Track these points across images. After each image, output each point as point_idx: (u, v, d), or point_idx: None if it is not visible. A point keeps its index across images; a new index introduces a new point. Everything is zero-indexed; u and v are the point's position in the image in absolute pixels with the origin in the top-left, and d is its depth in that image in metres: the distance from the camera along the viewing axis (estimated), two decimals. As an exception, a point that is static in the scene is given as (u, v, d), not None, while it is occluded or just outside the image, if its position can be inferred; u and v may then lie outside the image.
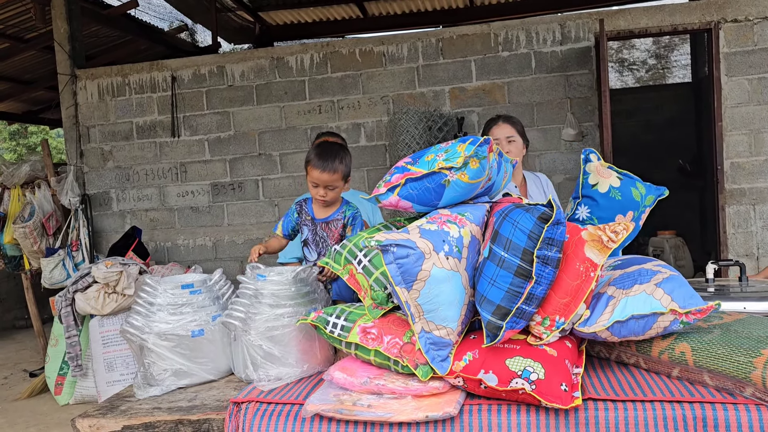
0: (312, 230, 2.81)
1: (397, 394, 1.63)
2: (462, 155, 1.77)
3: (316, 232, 2.80)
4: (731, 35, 5.01)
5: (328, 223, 2.79)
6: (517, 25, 5.34)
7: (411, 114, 5.20)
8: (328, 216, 2.79)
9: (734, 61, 5.02)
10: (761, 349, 1.52)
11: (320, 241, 2.80)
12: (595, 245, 1.66)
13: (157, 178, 5.95)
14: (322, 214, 2.81)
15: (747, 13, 4.97)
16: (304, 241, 2.85)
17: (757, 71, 5.00)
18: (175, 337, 1.96)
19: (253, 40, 8.23)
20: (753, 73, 5.01)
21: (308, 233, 2.82)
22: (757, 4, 4.97)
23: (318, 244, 2.80)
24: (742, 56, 5.01)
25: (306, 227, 2.82)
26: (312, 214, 2.81)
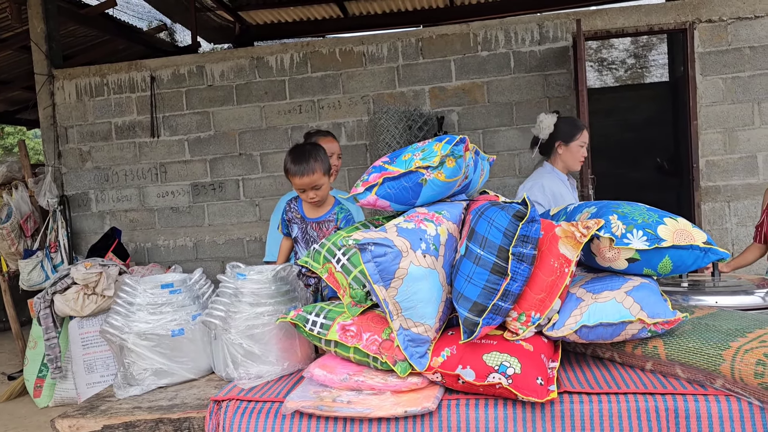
0: (302, 229, 2.82)
1: (376, 390, 1.65)
2: (438, 154, 1.80)
3: (306, 231, 2.82)
4: (706, 35, 5.09)
5: (320, 223, 2.81)
6: (496, 25, 5.39)
7: (391, 113, 5.22)
8: (320, 216, 2.81)
9: (709, 61, 5.11)
10: (730, 342, 1.56)
11: (310, 240, 2.81)
12: (569, 241, 1.69)
13: (136, 179, 5.91)
14: (313, 213, 2.82)
15: (721, 14, 5.07)
16: (295, 238, 2.87)
17: (731, 71, 5.09)
18: (155, 337, 1.97)
19: (233, 40, 8.19)
20: (727, 72, 5.10)
21: (298, 231, 2.84)
22: (730, 5, 5.06)
23: (308, 242, 2.81)
24: (716, 56, 5.10)
25: (296, 225, 2.84)
26: (302, 213, 2.83)
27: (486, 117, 5.42)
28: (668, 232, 1.72)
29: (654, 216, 1.76)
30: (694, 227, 1.78)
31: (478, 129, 5.43)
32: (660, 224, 1.74)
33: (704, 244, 1.74)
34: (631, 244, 1.71)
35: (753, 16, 5.02)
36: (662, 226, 1.73)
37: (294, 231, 2.85)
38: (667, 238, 1.70)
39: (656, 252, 1.71)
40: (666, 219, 1.76)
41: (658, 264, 1.73)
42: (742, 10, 5.03)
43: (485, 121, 5.42)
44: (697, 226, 1.80)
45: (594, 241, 1.78)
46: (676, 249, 1.72)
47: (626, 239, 1.71)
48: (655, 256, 1.72)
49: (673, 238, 1.71)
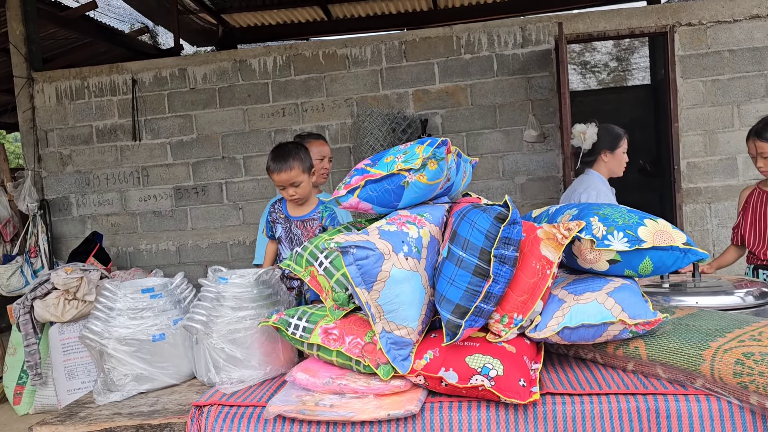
0: (286, 228, 2.86)
1: (359, 393, 1.65)
2: (420, 157, 1.80)
3: (290, 229, 2.85)
4: (686, 38, 5.15)
5: (304, 221, 2.85)
6: (479, 28, 5.41)
7: (375, 116, 5.22)
8: (304, 215, 2.86)
9: (689, 64, 5.17)
10: (710, 342, 1.58)
11: (294, 238, 2.84)
12: (551, 243, 1.69)
13: (118, 183, 5.85)
14: (297, 212, 2.87)
15: (700, 17, 5.13)
16: (278, 238, 2.89)
17: (710, 73, 5.16)
18: (136, 342, 1.95)
19: (216, 43, 8.15)
20: (707, 75, 5.16)
21: (282, 231, 2.88)
22: (709, 9, 5.13)
23: (292, 241, 2.84)
24: (696, 59, 5.16)
25: (279, 225, 2.88)
26: (286, 212, 2.88)
27: (469, 119, 5.43)
28: (648, 234, 1.73)
29: (634, 217, 1.78)
30: (674, 228, 1.79)
31: (461, 131, 5.45)
32: (640, 226, 1.75)
33: (684, 245, 1.75)
34: (612, 245, 1.72)
35: (732, 20, 5.09)
36: (642, 227, 1.75)
37: (278, 231, 2.87)
38: (648, 240, 1.72)
39: (637, 253, 1.73)
40: (646, 220, 1.78)
41: (639, 265, 1.75)
42: (721, 14, 5.10)
43: (469, 124, 5.44)
44: (677, 228, 1.82)
45: (575, 243, 1.79)
46: (656, 250, 1.73)
47: (607, 241, 1.73)
48: (635, 258, 1.74)
49: (653, 240, 1.73)
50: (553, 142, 5.34)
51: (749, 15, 5.05)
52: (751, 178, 5.07)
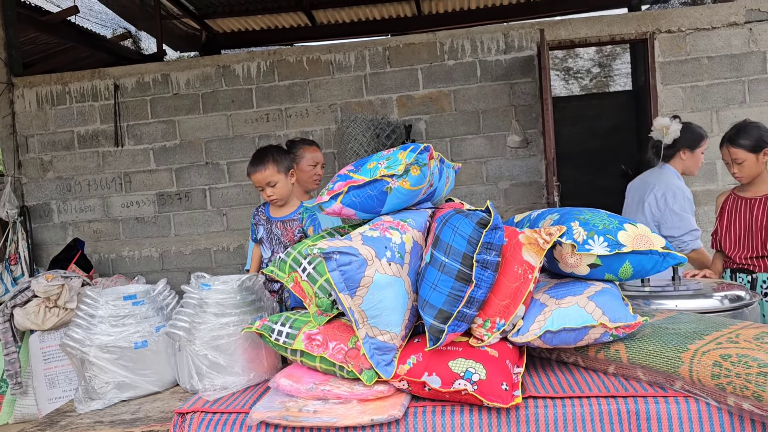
0: (267, 228, 2.94)
1: (343, 398, 1.65)
2: (403, 162, 1.81)
3: (270, 230, 2.94)
4: (665, 45, 5.23)
5: (284, 222, 2.92)
6: (462, 34, 5.45)
7: (359, 122, 5.23)
8: (285, 216, 2.93)
9: (669, 70, 5.24)
10: (688, 345, 1.60)
11: (274, 238, 2.92)
12: (532, 248, 1.71)
13: (100, 189, 5.79)
14: (278, 213, 2.96)
15: (680, 25, 5.20)
16: (260, 239, 2.96)
17: (690, 80, 5.23)
18: (118, 349, 1.94)
19: (200, 48, 8.12)
20: (686, 81, 5.23)
21: (263, 232, 2.97)
22: (688, 16, 5.20)
23: (272, 241, 2.92)
24: (676, 65, 5.23)
25: (261, 226, 2.97)
26: (267, 214, 2.97)
27: (453, 125, 5.46)
28: (628, 238, 1.76)
29: (614, 222, 1.80)
30: (653, 232, 1.82)
31: (445, 137, 5.47)
32: (620, 230, 1.77)
33: (663, 249, 1.78)
34: (593, 250, 1.74)
35: (710, 27, 5.17)
36: (622, 231, 1.77)
37: (260, 232, 2.95)
38: (627, 244, 1.74)
39: (617, 257, 1.75)
40: (626, 225, 1.80)
41: (619, 269, 1.77)
42: (699, 21, 5.17)
43: (452, 130, 5.46)
44: (656, 232, 1.84)
45: (557, 248, 1.81)
46: (636, 254, 1.76)
47: (588, 245, 1.75)
48: (615, 262, 1.76)
49: (633, 244, 1.75)
50: (536, 147, 5.38)
51: (727, 23, 5.14)
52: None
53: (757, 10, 5.11)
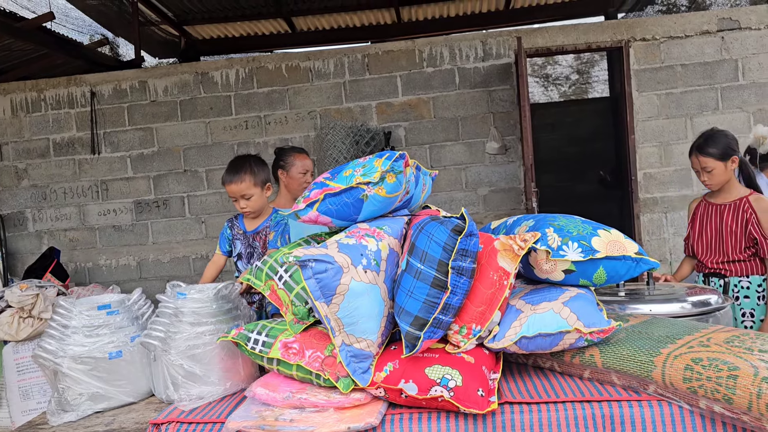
0: (245, 243, 2.89)
1: (320, 407, 1.64)
2: (379, 170, 1.81)
3: (249, 244, 2.87)
4: (640, 53, 5.31)
5: (259, 233, 2.89)
6: (440, 41, 5.48)
7: (338, 129, 5.24)
8: (258, 227, 2.89)
9: (644, 78, 5.32)
10: (661, 349, 1.62)
11: (254, 252, 2.87)
12: (507, 254, 1.72)
13: (76, 197, 5.72)
14: (252, 226, 2.91)
15: (654, 33, 5.29)
16: (238, 254, 2.90)
17: (664, 87, 5.31)
18: (92, 360, 1.91)
19: (179, 55, 8.05)
20: (661, 88, 5.32)
21: (241, 247, 2.90)
22: (662, 24, 5.29)
23: (251, 256, 2.86)
24: (651, 73, 5.31)
25: (239, 241, 2.90)
26: (243, 228, 2.90)
27: (432, 132, 5.49)
28: (602, 244, 1.78)
29: (588, 228, 1.82)
30: (626, 238, 1.84)
31: (424, 144, 5.50)
32: (594, 236, 1.79)
33: (636, 255, 1.80)
34: (567, 255, 1.76)
35: (683, 36, 5.26)
36: (596, 237, 1.79)
37: (237, 247, 2.89)
38: (601, 250, 1.76)
39: (591, 263, 1.77)
40: (600, 231, 1.82)
41: (593, 274, 1.79)
42: (673, 30, 5.26)
43: (432, 136, 5.49)
44: (629, 237, 1.87)
45: (532, 254, 1.83)
46: (609, 260, 1.78)
47: (562, 251, 1.77)
48: (590, 267, 1.78)
49: (606, 249, 1.77)
50: (514, 153, 5.42)
51: (700, 31, 5.23)
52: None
53: (728, 19, 5.21)
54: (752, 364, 1.45)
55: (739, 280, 2.97)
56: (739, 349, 1.53)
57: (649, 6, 7.42)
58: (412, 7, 6.81)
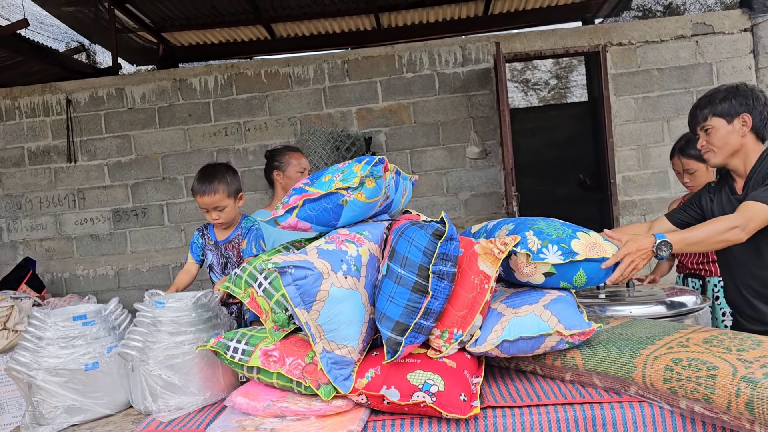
0: (216, 254, 2.80)
1: (301, 415, 1.62)
2: (358, 175, 1.80)
3: (222, 254, 2.78)
4: (617, 57, 5.36)
5: (231, 241, 2.79)
6: (420, 47, 5.49)
7: (319, 135, 5.22)
8: (230, 236, 2.80)
9: (621, 82, 5.37)
10: (641, 350, 1.63)
11: (228, 262, 2.78)
12: (488, 258, 1.72)
13: (52, 206, 5.63)
14: (223, 235, 2.81)
15: (630, 38, 5.35)
16: (210, 266, 2.82)
17: (641, 91, 5.37)
18: (67, 372, 1.87)
19: (157, 62, 7.99)
20: (638, 92, 5.38)
21: (212, 258, 2.80)
22: (638, 29, 5.36)
23: (225, 266, 2.78)
24: (627, 77, 5.37)
25: (210, 252, 2.81)
26: (214, 238, 2.81)
27: (413, 137, 5.49)
28: (581, 246, 1.79)
29: (567, 231, 1.83)
30: (605, 240, 1.85)
31: (405, 149, 5.50)
32: (573, 239, 1.80)
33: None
34: (547, 258, 1.76)
35: (659, 40, 5.33)
36: (575, 240, 1.80)
37: (209, 258, 2.80)
38: (581, 252, 1.77)
39: (571, 266, 1.78)
40: (579, 233, 1.83)
41: (573, 277, 1.80)
42: (648, 35, 5.33)
43: (412, 141, 5.49)
44: (607, 239, 1.87)
45: (512, 257, 1.83)
46: (589, 262, 1.79)
47: (542, 254, 1.77)
48: (570, 270, 1.78)
49: (586, 252, 1.78)
50: (494, 158, 5.45)
51: (675, 36, 5.30)
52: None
53: (702, 24, 5.29)
54: (731, 364, 1.46)
55: (718, 280, 2.99)
56: (717, 348, 1.55)
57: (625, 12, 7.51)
58: (392, 14, 6.83)
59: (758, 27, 5.21)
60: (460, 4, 6.63)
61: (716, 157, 2.24)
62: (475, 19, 7.19)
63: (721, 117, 2.21)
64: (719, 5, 6.14)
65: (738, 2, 5.46)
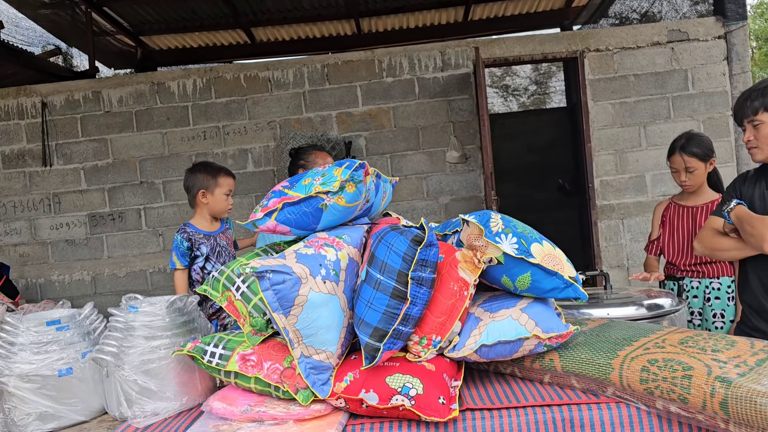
0: (211, 245, 2.92)
1: (279, 420, 1.61)
2: (338, 179, 1.79)
3: (216, 242, 2.90)
4: (595, 63, 5.43)
5: (223, 232, 3.04)
6: (400, 52, 5.51)
7: (298, 139, 5.21)
8: (220, 228, 3.05)
9: (599, 87, 5.44)
10: (618, 351, 1.64)
11: (222, 251, 2.92)
12: (468, 266, 1.72)
13: (27, 210, 5.54)
14: (213, 227, 3.03)
15: (607, 44, 5.42)
16: (206, 257, 2.90)
17: (618, 96, 5.44)
18: (40, 378, 1.84)
19: (135, 65, 7.91)
20: (615, 98, 5.45)
21: (208, 249, 2.92)
22: (615, 36, 5.43)
23: (221, 254, 2.90)
24: (605, 83, 5.44)
25: (203, 245, 2.92)
26: (203, 232, 2.92)
27: (393, 141, 5.50)
28: (541, 252, 1.72)
29: (535, 235, 1.79)
30: (567, 261, 1.77)
31: (385, 153, 5.50)
32: (536, 242, 1.73)
33: (569, 278, 1.74)
34: (501, 244, 1.69)
35: (635, 46, 5.40)
36: (537, 245, 1.73)
37: (204, 251, 2.92)
38: (537, 256, 1.70)
39: (521, 263, 1.70)
40: (545, 242, 1.76)
41: (518, 276, 1.72)
42: (625, 41, 5.40)
43: (392, 146, 5.50)
44: (570, 262, 1.79)
45: (464, 227, 1.79)
46: (541, 269, 1.70)
47: (498, 238, 1.70)
48: (518, 267, 1.71)
49: (542, 259, 1.70)
50: (474, 162, 5.47)
51: (651, 42, 5.38)
52: (658, 195, 5.36)
53: (678, 31, 5.38)
54: (705, 364, 1.48)
55: (710, 282, 3.02)
56: (693, 349, 1.56)
57: (602, 19, 7.60)
58: (372, 19, 6.85)
59: (731, 34, 5.31)
60: (440, 10, 6.67)
61: (762, 153, 2.22)
62: (455, 24, 7.24)
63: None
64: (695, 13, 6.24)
65: (712, 10, 5.56)
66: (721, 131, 5.34)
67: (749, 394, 1.37)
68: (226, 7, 6.18)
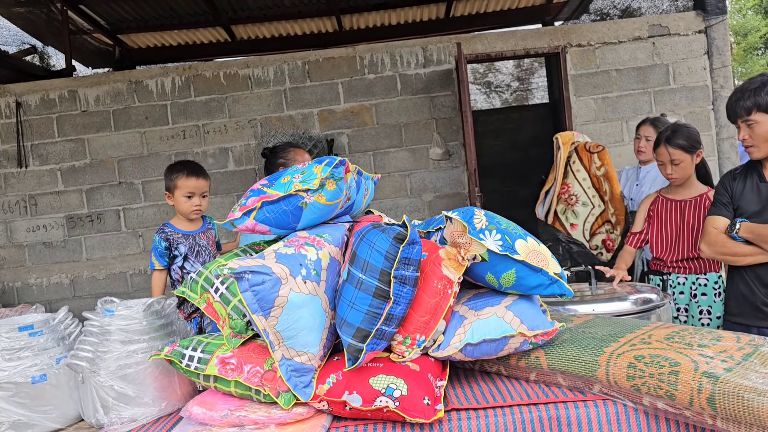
0: (190, 244, 2.88)
1: (260, 424, 1.57)
2: (318, 177, 1.75)
3: (196, 242, 2.89)
4: (577, 59, 5.43)
5: (204, 232, 2.95)
6: (381, 48, 5.47)
7: (279, 137, 5.15)
8: (200, 227, 2.96)
9: (581, 83, 5.44)
10: (604, 348, 1.62)
11: (202, 250, 2.90)
12: (452, 263, 1.69)
13: (2, 213, 5.42)
14: (192, 227, 2.94)
15: (589, 39, 5.42)
16: (184, 257, 2.85)
17: (600, 91, 5.45)
18: (12, 386, 1.78)
19: (113, 64, 7.80)
20: (597, 93, 5.45)
21: (186, 248, 2.88)
22: (596, 31, 5.43)
23: (200, 254, 2.85)
24: (587, 78, 5.44)
25: (181, 244, 2.88)
26: (181, 231, 2.88)
27: (375, 139, 5.46)
28: (524, 249, 1.69)
29: (520, 231, 1.76)
30: (552, 257, 1.75)
31: (368, 151, 5.47)
32: (521, 239, 1.71)
33: (554, 275, 1.72)
34: (485, 241, 1.66)
35: (617, 41, 5.41)
36: (522, 241, 1.71)
37: (182, 250, 2.86)
38: (521, 253, 1.68)
39: (505, 260, 1.67)
40: (529, 239, 1.74)
41: (503, 273, 1.69)
42: (607, 36, 5.41)
43: (375, 143, 5.47)
44: (554, 258, 1.77)
45: (447, 224, 1.76)
46: (525, 266, 1.68)
47: (482, 235, 1.68)
48: (502, 264, 1.68)
49: (527, 256, 1.68)
50: (458, 159, 5.45)
51: (632, 37, 5.40)
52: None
53: (658, 26, 5.39)
54: (692, 360, 1.46)
55: (696, 278, 3.00)
56: (679, 344, 1.55)
57: (584, 15, 7.62)
58: (354, 16, 6.80)
59: (711, 29, 5.34)
60: (422, 7, 6.64)
61: (759, 151, 2.30)
62: (437, 21, 7.21)
63: (765, 112, 2.24)
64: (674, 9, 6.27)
65: (691, 5, 5.59)
66: (703, 125, 5.36)
67: (736, 389, 1.35)
68: (206, 5, 6.09)
